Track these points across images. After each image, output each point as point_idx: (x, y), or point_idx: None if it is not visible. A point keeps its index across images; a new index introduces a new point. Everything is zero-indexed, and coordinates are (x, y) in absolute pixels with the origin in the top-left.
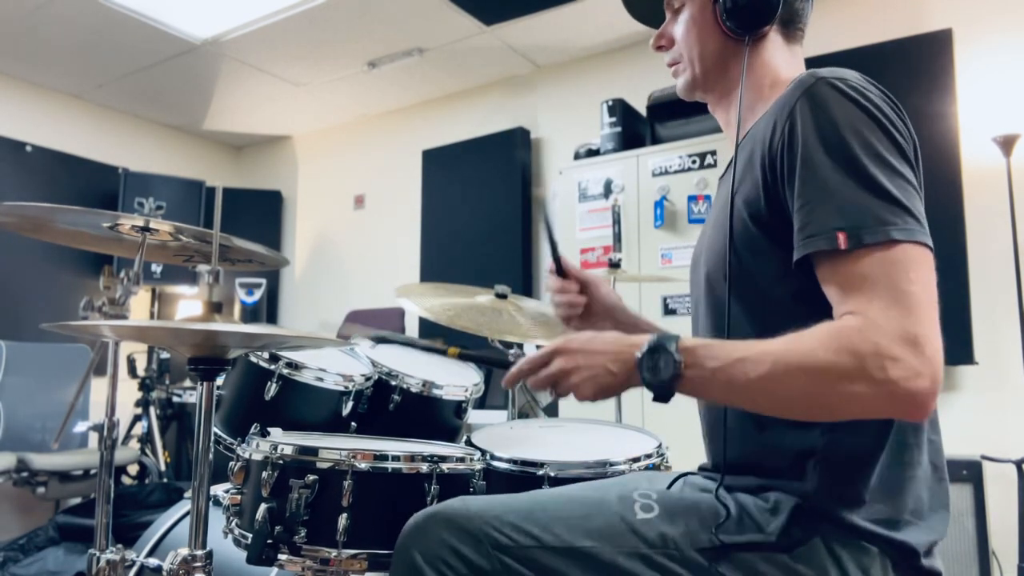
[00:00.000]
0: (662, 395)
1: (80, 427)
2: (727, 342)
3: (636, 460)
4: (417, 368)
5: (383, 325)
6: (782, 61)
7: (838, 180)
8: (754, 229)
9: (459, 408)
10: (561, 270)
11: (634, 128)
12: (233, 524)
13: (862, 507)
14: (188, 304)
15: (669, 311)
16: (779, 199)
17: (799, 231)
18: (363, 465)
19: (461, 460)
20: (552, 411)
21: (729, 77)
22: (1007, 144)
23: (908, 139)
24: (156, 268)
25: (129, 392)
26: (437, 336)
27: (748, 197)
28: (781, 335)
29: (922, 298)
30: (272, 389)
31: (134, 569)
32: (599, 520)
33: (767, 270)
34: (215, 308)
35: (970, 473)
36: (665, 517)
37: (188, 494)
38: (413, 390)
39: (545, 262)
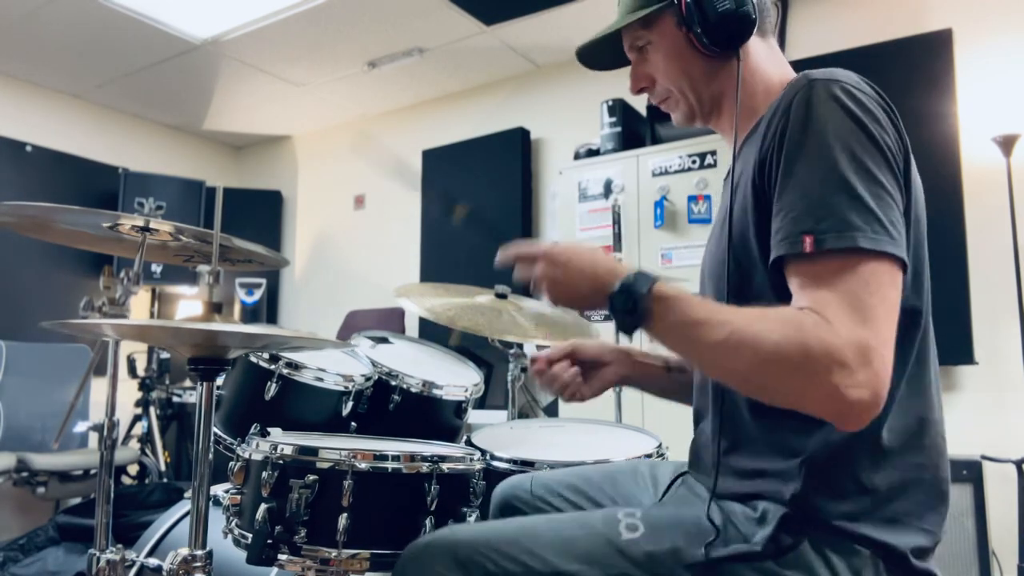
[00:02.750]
0: (624, 328)
1: (80, 427)
2: (698, 301)
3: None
4: (417, 368)
5: (383, 325)
6: (765, 60)
7: (814, 185)
8: (748, 235)
9: (459, 408)
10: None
11: (634, 128)
12: (233, 524)
13: (853, 509)
14: (188, 304)
15: None
16: (768, 204)
17: (774, 235)
18: (363, 465)
19: (461, 460)
20: (552, 411)
21: (722, 93)
22: (1007, 144)
23: (897, 145)
24: (156, 268)
25: (129, 392)
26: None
27: (743, 203)
28: None
29: (879, 311)
30: (272, 389)
31: (134, 569)
32: (585, 543)
33: (757, 275)
34: (215, 308)
35: (970, 473)
36: (650, 536)
37: (188, 494)
38: (413, 390)
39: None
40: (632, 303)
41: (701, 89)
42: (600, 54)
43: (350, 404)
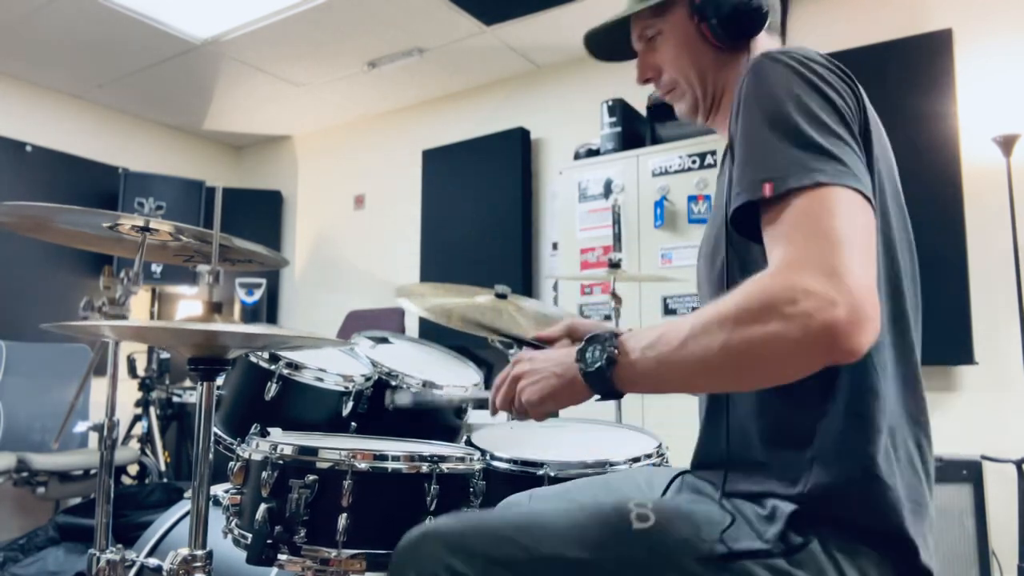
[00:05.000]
0: (601, 387)
1: (80, 427)
2: (658, 325)
3: (636, 460)
4: (417, 368)
5: (383, 325)
6: None
7: (768, 137)
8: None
9: (459, 408)
10: (541, 343)
11: (634, 128)
12: (233, 524)
13: (858, 507)
14: (188, 304)
15: (669, 311)
16: None
17: (733, 187)
18: (363, 465)
19: (461, 460)
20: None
21: (728, 87)
22: (1007, 144)
23: (852, 107)
24: (156, 268)
25: (129, 392)
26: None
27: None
28: None
29: (845, 233)
30: (272, 389)
31: (134, 569)
32: (594, 531)
33: (746, 257)
34: (215, 308)
35: (970, 473)
36: (662, 526)
37: (188, 494)
38: (413, 390)
39: (546, 262)
40: (600, 347)
41: (708, 81)
42: (608, 43)
43: (350, 404)
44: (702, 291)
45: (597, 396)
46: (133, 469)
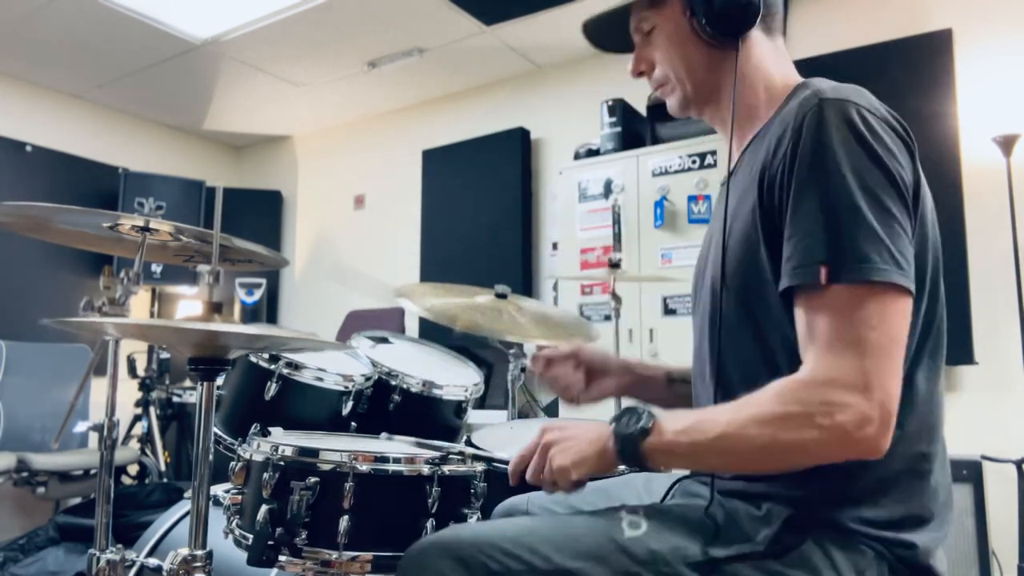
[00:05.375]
0: (631, 452)
1: (80, 427)
2: (691, 410)
3: None
4: (417, 368)
5: (383, 325)
6: (769, 57)
7: (826, 214)
8: (755, 242)
9: (459, 408)
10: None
11: (634, 128)
12: (234, 524)
13: (860, 509)
14: (188, 304)
15: (669, 311)
16: (775, 220)
17: (786, 261)
18: (364, 467)
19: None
20: (552, 411)
21: (720, 85)
22: (1007, 144)
23: (910, 172)
24: (156, 268)
25: (129, 392)
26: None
27: (748, 213)
28: (781, 345)
29: (880, 343)
30: (272, 389)
31: (134, 569)
32: (587, 540)
33: (766, 281)
34: (215, 308)
35: (970, 473)
36: (653, 533)
37: (188, 494)
38: (413, 390)
39: (546, 262)
40: (635, 417)
41: (699, 78)
42: (608, 34)
43: (350, 404)
44: (697, 296)
45: (624, 467)
46: (133, 469)
